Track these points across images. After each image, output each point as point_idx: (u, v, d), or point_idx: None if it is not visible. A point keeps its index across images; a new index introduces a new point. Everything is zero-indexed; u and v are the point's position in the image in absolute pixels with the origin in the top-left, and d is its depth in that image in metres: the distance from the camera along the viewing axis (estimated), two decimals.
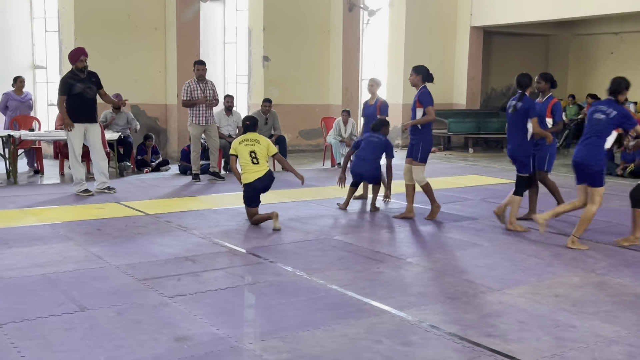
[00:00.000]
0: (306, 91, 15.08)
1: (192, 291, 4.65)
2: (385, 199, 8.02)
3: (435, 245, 6.24)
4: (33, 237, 6.15)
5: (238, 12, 15.05)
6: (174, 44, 12.91)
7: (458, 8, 17.14)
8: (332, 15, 15.27)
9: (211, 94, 10.12)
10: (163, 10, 13.02)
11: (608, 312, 4.41)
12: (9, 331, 3.81)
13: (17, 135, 9.83)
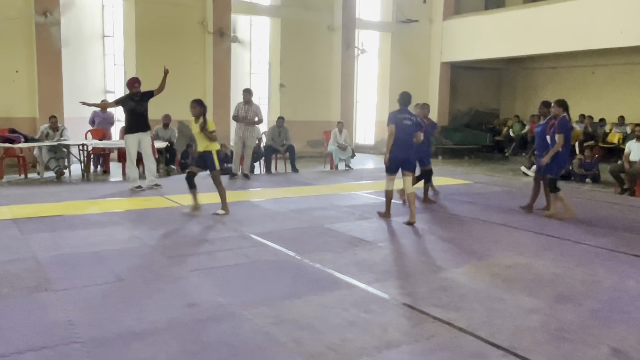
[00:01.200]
0: (312, 110, 14.99)
1: (206, 267, 4.55)
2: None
3: (401, 233, 6.10)
4: (93, 222, 6.08)
5: (260, 50, 14.96)
6: (210, 74, 12.84)
7: (431, 47, 16.96)
8: (333, 52, 15.15)
9: (251, 114, 10.00)
10: (203, 49, 12.95)
11: (531, 288, 4.26)
12: (60, 296, 3.74)
13: (89, 144, 9.80)
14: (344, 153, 12.15)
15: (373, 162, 14.21)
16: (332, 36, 15.11)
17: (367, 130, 17.38)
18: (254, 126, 10.13)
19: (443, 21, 16.64)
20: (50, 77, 10.90)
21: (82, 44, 12.26)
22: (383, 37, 16.41)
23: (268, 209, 7.19)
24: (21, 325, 3.23)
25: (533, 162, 11.78)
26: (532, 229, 6.37)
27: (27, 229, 5.62)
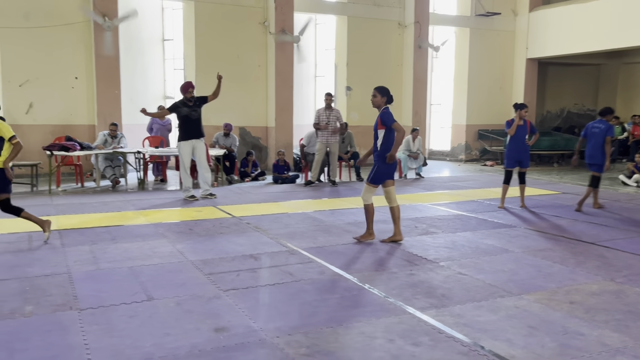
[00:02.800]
0: None
1: (244, 286, 4.41)
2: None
3: (470, 251, 5.69)
4: (136, 235, 6.15)
5: (326, 51, 14.88)
6: (273, 78, 12.89)
7: (515, 42, 16.19)
8: (404, 51, 14.80)
9: (333, 119, 9.97)
10: (265, 51, 13.03)
11: (619, 321, 3.78)
12: (84, 315, 3.72)
13: (145, 151, 10.08)
14: (414, 161, 11.78)
15: (448, 170, 13.71)
16: (404, 33, 14.79)
17: (442, 134, 16.84)
18: (335, 133, 10.08)
19: (529, 13, 15.84)
20: (109, 83, 11.35)
21: (142, 49, 12.70)
22: (460, 33, 15.86)
23: (324, 221, 7.01)
24: (35, 348, 3.21)
25: (634, 170, 10.87)
26: (629, 248, 5.75)
27: (69, 241, 5.76)
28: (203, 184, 8.82)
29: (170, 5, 13.09)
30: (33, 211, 7.39)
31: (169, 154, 10.44)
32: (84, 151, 9.56)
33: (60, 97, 11.27)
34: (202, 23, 12.38)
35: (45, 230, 5.80)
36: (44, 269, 4.78)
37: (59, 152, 9.28)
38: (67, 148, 9.31)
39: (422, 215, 7.51)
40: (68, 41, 11.16)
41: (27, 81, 10.99)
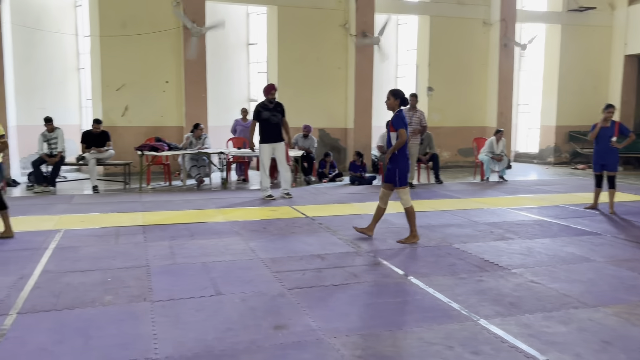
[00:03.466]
0: (464, 115, 14.33)
1: (308, 285, 4.47)
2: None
3: (546, 258, 5.42)
4: (213, 232, 6.40)
5: (408, 51, 14.71)
6: (352, 80, 12.93)
7: (613, 38, 15.20)
8: (489, 50, 14.33)
9: (416, 121, 9.89)
10: (345, 53, 13.09)
11: None
12: (155, 307, 3.93)
13: (228, 152, 10.45)
14: (498, 164, 11.37)
15: (535, 173, 13.11)
16: (489, 32, 14.31)
17: (529, 136, 16.13)
18: (418, 133, 9.95)
19: (628, 6, 14.81)
20: (196, 87, 11.86)
21: (228, 53, 13.16)
22: (550, 30, 15.11)
23: (395, 224, 6.94)
24: (110, 336, 3.43)
25: None
26: None
27: (151, 237, 6.09)
28: (284, 183, 9.00)
29: (255, 10, 13.47)
30: (123, 207, 7.91)
31: (251, 154, 10.74)
32: (172, 151, 10.05)
33: (153, 101, 11.92)
34: (285, 27, 12.64)
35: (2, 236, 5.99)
36: (126, 262, 5.09)
37: (149, 152, 9.82)
38: (156, 148, 9.83)
39: (500, 220, 7.24)
40: (160, 47, 11.78)
41: (123, 85, 11.72)
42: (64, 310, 3.87)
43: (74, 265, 4.98)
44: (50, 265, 4.95)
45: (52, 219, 7.00)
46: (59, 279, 4.55)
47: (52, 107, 11.67)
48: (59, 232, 6.27)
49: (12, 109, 11.04)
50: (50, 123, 9.78)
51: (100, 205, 8.08)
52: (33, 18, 11.73)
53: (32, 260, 5.11)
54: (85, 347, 3.26)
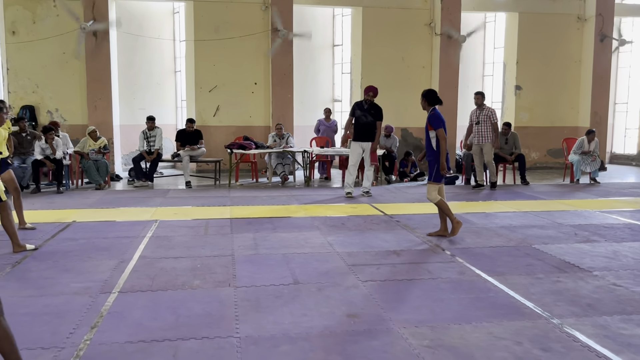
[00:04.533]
0: (554, 115, 13.81)
1: (382, 278, 4.62)
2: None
3: (633, 262, 5.21)
4: (294, 226, 6.69)
5: (495, 49, 14.38)
6: (437, 78, 12.86)
7: None
8: (583, 47, 13.71)
9: (485, 119, 9.77)
10: (430, 53, 13.05)
11: None
12: (238, 292, 4.22)
13: (312, 151, 10.76)
14: (590, 164, 10.88)
15: (634, 176, 12.41)
16: (583, 27, 13.70)
17: (628, 137, 15.23)
18: (488, 132, 9.78)
19: None
20: (283, 88, 12.29)
21: (314, 55, 13.50)
22: None
23: (475, 223, 6.91)
24: (197, 315, 3.76)
25: None
26: None
27: (237, 229, 6.47)
28: (366, 181, 9.16)
29: (340, 12, 13.73)
30: (213, 201, 8.41)
31: (334, 153, 11.00)
32: (258, 150, 10.51)
33: (242, 101, 12.49)
34: (369, 27, 12.80)
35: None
36: (214, 251, 5.48)
37: (238, 150, 10.34)
38: (244, 147, 10.33)
39: (586, 223, 7.00)
40: (249, 50, 12.32)
41: (215, 87, 12.37)
42: (158, 291, 4.27)
43: (168, 252, 5.42)
44: (147, 252, 5.43)
45: (149, 211, 7.59)
46: (154, 264, 4.99)
47: (151, 108, 12.52)
48: (155, 223, 6.80)
49: (116, 110, 11.99)
50: (152, 121, 10.56)
51: (192, 199, 8.64)
52: (136, 25, 12.65)
53: (131, 246, 5.62)
54: (175, 324, 3.61)
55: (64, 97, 11.94)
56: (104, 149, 10.17)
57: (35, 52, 11.68)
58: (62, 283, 4.46)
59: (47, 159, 9.36)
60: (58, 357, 3.13)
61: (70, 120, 11.92)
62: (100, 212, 7.51)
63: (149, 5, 12.92)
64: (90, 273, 4.72)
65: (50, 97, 11.99)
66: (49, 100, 12.00)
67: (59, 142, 9.60)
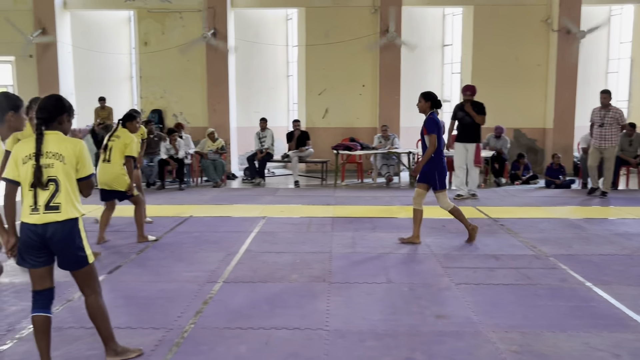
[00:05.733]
0: None
1: (477, 282, 4.55)
2: None
3: None
4: (394, 227, 6.73)
5: (621, 44, 13.31)
6: (553, 77, 12.19)
7: None
8: None
9: (610, 121, 9.08)
10: (546, 50, 12.40)
11: None
12: (332, 288, 4.38)
13: (417, 152, 10.69)
14: None
15: None
16: None
17: None
18: (612, 135, 9.07)
19: None
20: (390, 89, 12.32)
21: (423, 55, 13.36)
22: None
23: (586, 229, 6.52)
24: (291, 307, 3.97)
25: None
26: None
27: (338, 227, 6.65)
28: (470, 184, 8.95)
29: (451, 11, 13.48)
30: (318, 200, 8.66)
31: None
32: (364, 151, 10.64)
33: (350, 103, 12.69)
34: (481, 26, 12.43)
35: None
36: (313, 247, 5.69)
37: (344, 152, 10.54)
38: (350, 148, 10.51)
39: None
40: (358, 53, 12.49)
41: (324, 90, 12.69)
42: (258, 283, 4.54)
43: (271, 247, 5.72)
44: (253, 246, 5.76)
45: (258, 208, 8.00)
46: (258, 258, 5.29)
47: (265, 111, 13.10)
48: (262, 219, 7.17)
49: (233, 113, 12.72)
50: (265, 122, 11.15)
51: (298, 198, 8.97)
52: (252, 32, 13.31)
53: (239, 240, 5.99)
54: (270, 314, 3.84)
55: (188, 102, 12.88)
56: (221, 150, 10.84)
57: (164, 61, 12.71)
58: (175, 271, 4.89)
59: (171, 158, 10.16)
60: (166, 337, 3.47)
61: (192, 123, 12.82)
62: (215, 208, 8.04)
63: (264, 13, 13.54)
64: (201, 263, 5.11)
65: (176, 101, 12.98)
66: (174, 104, 13.00)
67: (182, 143, 10.40)
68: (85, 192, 3.01)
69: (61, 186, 2.85)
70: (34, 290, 2.94)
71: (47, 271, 2.94)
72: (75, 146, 2.91)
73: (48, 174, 2.83)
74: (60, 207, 2.84)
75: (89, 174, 2.96)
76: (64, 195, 2.85)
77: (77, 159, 2.90)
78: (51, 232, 2.82)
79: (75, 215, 2.89)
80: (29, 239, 2.84)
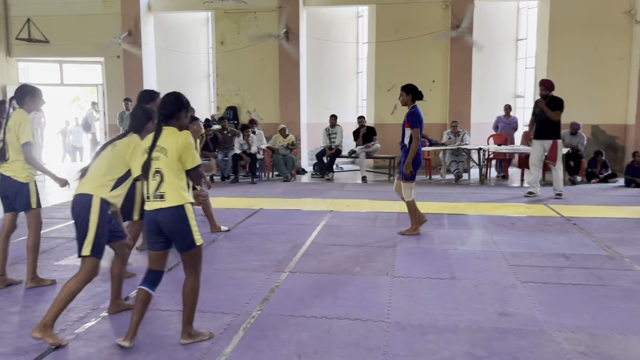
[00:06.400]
0: None
1: (544, 281, 4.41)
2: None
3: None
4: (460, 223, 6.61)
5: None
6: (637, 71, 11.50)
7: None
8: None
9: None
10: (629, 42, 11.71)
11: None
12: (395, 281, 4.39)
13: (488, 148, 10.43)
14: None
15: None
16: None
17: None
18: None
19: None
20: (460, 84, 12.07)
21: (495, 49, 12.97)
22: None
23: None
24: (353, 299, 4.01)
25: None
26: None
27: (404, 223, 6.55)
28: (555, 183, 8.52)
29: (526, 4, 13.00)
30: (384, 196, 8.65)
31: (512, 151, 10.52)
32: (432, 147, 10.49)
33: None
34: (557, 18, 11.90)
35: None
36: (377, 241, 5.71)
37: None
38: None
39: None
40: (428, 49, 12.32)
41: (393, 86, 12.59)
42: (323, 274, 4.62)
43: (336, 240, 5.79)
44: (319, 238, 5.85)
45: (325, 202, 8.10)
46: (323, 250, 5.38)
47: (335, 108, 13.19)
48: (329, 213, 7.26)
49: (304, 109, 12.90)
50: (334, 119, 11.25)
51: (365, 193, 8.99)
52: (323, 30, 13.43)
53: (306, 233, 6.10)
54: (333, 304, 3.90)
55: (261, 99, 13.19)
56: (291, 145, 11.04)
57: (239, 60, 13.07)
58: (245, 260, 5.06)
59: (245, 153, 10.46)
60: (234, 321, 3.61)
61: (265, 119, 13.11)
62: (284, 202, 8.22)
63: (335, 11, 13.62)
64: (268, 254, 5.26)
65: (250, 98, 13.33)
66: (248, 101, 13.35)
67: (254, 138, 10.67)
68: (195, 181, 3.31)
69: (165, 177, 3.09)
70: (148, 268, 3.27)
71: (163, 255, 3.25)
72: (178, 140, 3.11)
73: (155, 166, 3.11)
74: (164, 196, 3.10)
75: (195, 166, 3.15)
76: (167, 185, 3.09)
77: (180, 152, 3.10)
78: (160, 217, 3.11)
79: (180, 202, 3.11)
80: (148, 223, 3.19)
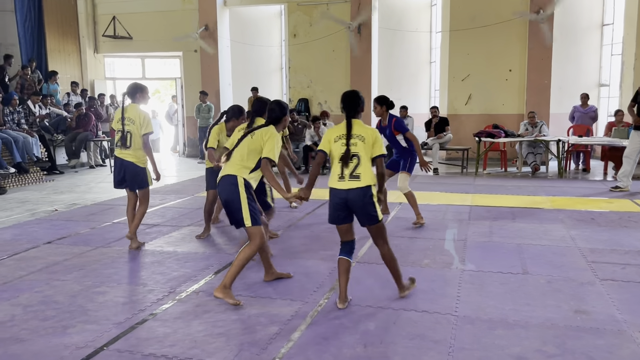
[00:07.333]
0: None
1: (626, 279, 4.18)
2: None
3: None
4: (536, 217, 6.38)
5: None
6: None
7: None
8: None
9: None
10: None
11: None
12: (464, 275, 4.31)
13: (567, 140, 9.96)
14: None
15: None
16: None
17: None
18: None
19: None
20: (539, 73, 11.57)
21: (577, 36, 12.34)
22: None
23: None
24: (421, 291, 3.97)
25: None
26: None
27: (475, 216, 6.47)
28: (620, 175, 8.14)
29: None
30: (456, 188, 8.51)
31: (593, 143, 10.00)
32: (508, 138, 10.15)
33: (494, 89, 12.16)
34: None
35: None
36: (448, 234, 5.61)
37: (486, 139, 10.15)
38: (492, 135, 10.09)
39: None
40: (505, 37, 11.90)
41: (468, 76, 12.29)
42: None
43: (404, 232, 5.75)
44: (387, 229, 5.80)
45: (395, 194, 8.01)
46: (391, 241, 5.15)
47: (406, 98, 13.04)
48: (399, 205, 7.21)
49: None
50: (405, 110, 11.13)
51: (437, 185, 8.85)
52: (395, 20, 13.28)
53: None
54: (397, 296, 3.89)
55: (332, 90, 13.26)
56: None
57: (310, 52, 13.20)
58: (313, 250, 5.14)
59: (315, 144, 10.56)
60: (302, 308, 3.68)
61: (336, 111, 13.16)
62: None
63: (408, 0, 13.42)
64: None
65: (321, 90, 13.43)
66: (319, 93, 13.46)
67: (325, 130, 10.75)
68: (379, 169, 3.68)
69: (362, 160, 3.52)
70: (341, 241, 3.76)
71: (348, 227, 3.69)
72: (373, 131, 3.62)
73: (353, 150, 3.53)
74: (360, 177, 3.52)
75: (381, 154, 3.57)
76: (362, 167, 3.52)
77: (374, 141, 3.57)
78: (352, 195, 3.51)
79: (369, 183, 3.53)
80: (336, 201, 3.57)
